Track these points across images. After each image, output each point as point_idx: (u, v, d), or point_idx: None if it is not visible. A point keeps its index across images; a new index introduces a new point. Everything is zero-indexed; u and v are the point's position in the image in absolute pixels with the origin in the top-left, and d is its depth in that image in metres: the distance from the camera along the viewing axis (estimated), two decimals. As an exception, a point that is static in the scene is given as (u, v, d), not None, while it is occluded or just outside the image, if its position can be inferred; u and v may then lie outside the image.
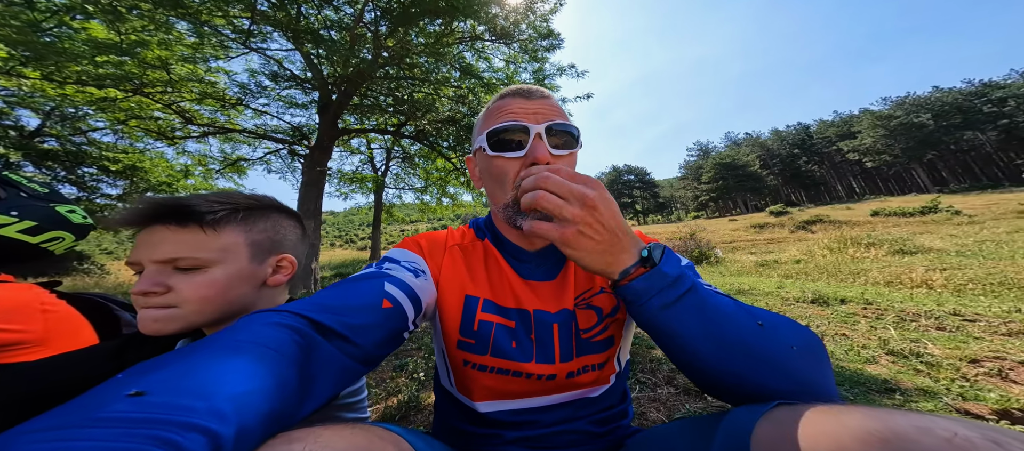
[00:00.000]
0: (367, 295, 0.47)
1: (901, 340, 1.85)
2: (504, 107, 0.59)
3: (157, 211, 0.57)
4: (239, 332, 0.34)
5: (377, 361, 0.46)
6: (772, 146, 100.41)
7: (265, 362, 0.31)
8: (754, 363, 0.43)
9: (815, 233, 13.71)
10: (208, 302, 0.57)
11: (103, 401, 0.24)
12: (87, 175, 8.03)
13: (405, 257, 0.61)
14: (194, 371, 0.28)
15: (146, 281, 0.54)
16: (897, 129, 74.92)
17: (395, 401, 1.50)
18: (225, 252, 0.59)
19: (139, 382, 0.26)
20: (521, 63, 7.39)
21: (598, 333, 0.60)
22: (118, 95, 4.67)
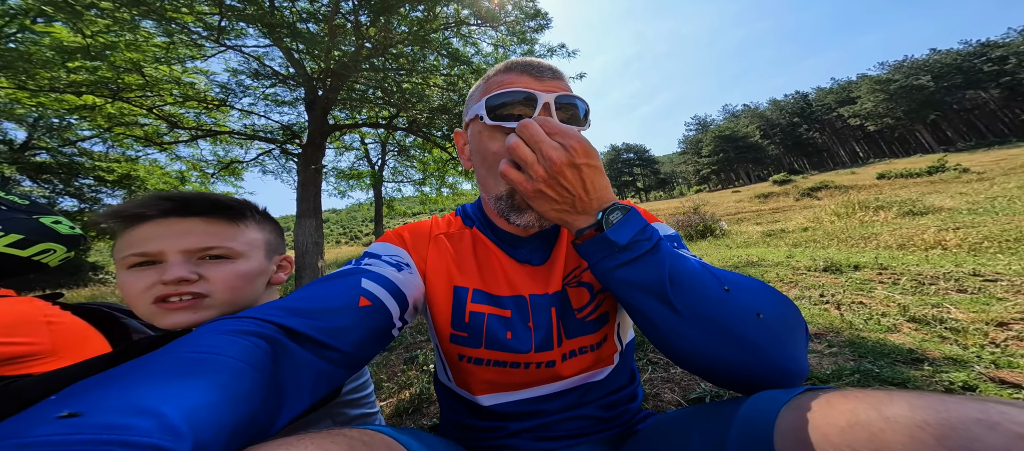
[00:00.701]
0: (342, 295, 0.44)
1: (922, 305, 1.77)
2: (507, 80, 0.54)
3: (189, 204, 0.56)
4: (192, 342, 0.32)
5: (361, 363, 0.44)
6: (771, 116, 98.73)
7: (224, 372, 0.29)
8: (714, 332, 0.41)
9: (821, 200, 13.56)
10: (236, 292, 0.58)
11: (29, 425, 0.21)
12: (85, 186, 7.97)
13: (387, 251, 0.58)
14: (139, 386, 0.25)
15: (180, 268, 0.52)
16: (897, 92, 73.59)
17: (407, 394, 1.47)
18: (249, 246, 0.61)
19: (74, 402, 0.23)
20: (510, 46, 7.16)
21: (591, 311, 0.58)
22: (97, 101, 4.54)
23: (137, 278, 0.52)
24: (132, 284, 0.52)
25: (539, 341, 0.56)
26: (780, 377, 0.41)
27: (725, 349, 0.41)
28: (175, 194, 0.56)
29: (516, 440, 0.58)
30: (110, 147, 7.33)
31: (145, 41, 4.18)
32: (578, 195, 0.45)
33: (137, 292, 0.52)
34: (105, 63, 3.81)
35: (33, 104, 4.31)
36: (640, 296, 0.44)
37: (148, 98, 4.82)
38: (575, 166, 0.44)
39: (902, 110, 74.10)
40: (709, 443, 0.42)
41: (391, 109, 7.02)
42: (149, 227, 0.54)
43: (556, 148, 0.43)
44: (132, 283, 0.52)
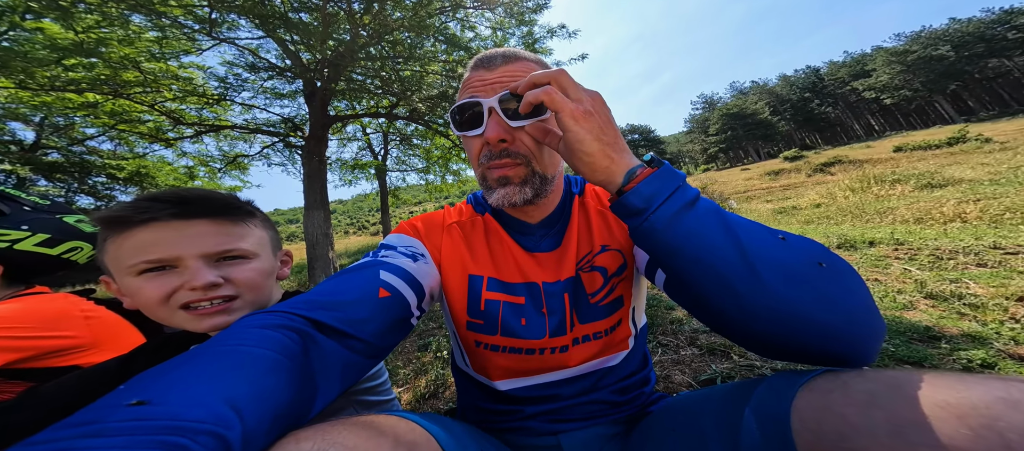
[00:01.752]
0: (362, 287, 0.46)
1: (939, 281, 1.72)
2: (468, 81, 0.56)
3: (194, 205, 0.54)
4: (235, 336, 0.34)
5: (384, 352, 0.46)
6: (781, 92, 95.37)
7: (265, 364, 0.31)
8: (787, 282, 0.35)
9: (834, 175, 13.20)
10: (259, 290, 0.58)
11: (104, 413, 0.24)
12: (99, 184, 8.12)
13: (402, 242, 0.60)
14: (194, 378, 0.28)
15: (207, 273, 0.52)
16: (915, 63, 70.32)
17: (423, 381, 1.51)
18: (259, 244, 0.61)
19: (140, 391, 0.26)
20: (509, 28, 6.96)
21: (605, 295, 0.58)
22: (98, 99, 4.55)
23: (152, 285, 0.50)
24: (149, 291, 0.50)
25: (553, 328, 0.56)
26: (866, 334, 0.35)
27: (809, 306, 0.34)
28: (177, 194, 0.53)
29: (532, 422, 0.59)
30: (117, 145, 7.41)
31: (137, 36, 4.14)
32: (618, 133, 0.44)
33: (156, 299, 0.50)
34: (100, 60, 3.79)
35: (36, 104, 4.34)
36: (707, 238, 0.38)
37: (148, 94, 4.81)
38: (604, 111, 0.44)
39: (920, 81, 71.08)
40: (723, 424, 0.41)
41: (391, 98, 6.93)
42: (155, 231, 0.51)
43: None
44: (147, 290, 0.50)
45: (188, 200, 0.53)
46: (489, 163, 0.54)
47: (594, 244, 0.60)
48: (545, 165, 0.55)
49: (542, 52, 7.41)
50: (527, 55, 0.56)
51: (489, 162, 0.54)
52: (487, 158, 0.54)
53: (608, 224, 0.62)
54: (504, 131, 0.51)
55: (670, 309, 1.86)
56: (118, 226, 0.51)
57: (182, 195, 0.54)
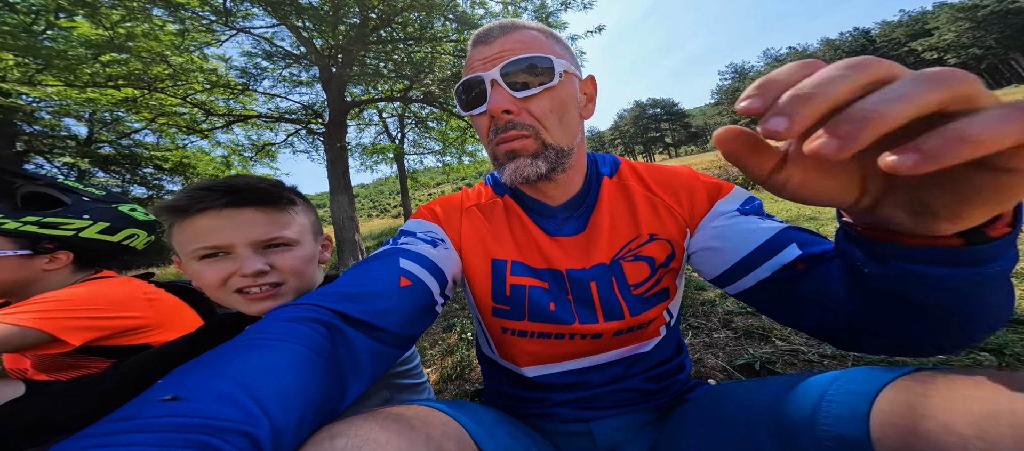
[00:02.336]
0: (384, 277, 0.46)
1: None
2: (469, 59, 0.55)
3: (243, 194, 0.57)
4: (265, 330, 0.34)
5: (411, 340, 0.46)
6: (824, 57, 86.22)
7: (296, 358, 0.32)
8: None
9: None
10: (303, 277, 0.62)
11: (141, 409, 0.25)
12: (148, 175, 8.82)
13: (421, 228, 0.59)
14: (224, 374, 0.28)
15: (255, 261, 0.56)
16: (988, 19, 61.27)
17: (450, 362, 1.53)
18: (301, 232, 0.64)
19: (174, 387, 0.27)
20: (520, 3, 6.71)
21: (651, 286, 0.55)
22: (136, 94, 4.94)
23: (211, 270, 0.56)
24: (207, 275, 0.56)
25: (582, 314, 0.55)
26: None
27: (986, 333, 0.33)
28: (227, 184, 0.57)
29: (561, 409, 0.58)
30: (159, 138, 8.01)
31: (160, 29, 4.37)
32: None
33: (214, 283, 0.56)
34: (131, 55, 4.12)
35: (83, 100, 4.77)
36: (991, 305, 0.30)
37: (178, 87, 5.15)
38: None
39: (993, 38, 62.33)
40: (780, 420, 0.37)
41: (405, 81, 7.01)
42: (210, 219, 0.55)
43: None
44: (207, 274, 0.56)
45: (237, 190, 0.57)
46: (497, 138, 0.52)
47: (640, 232, 0.56)
48: (558, 136, 0.52)
49: (556, 26, 7.12)
50: (527, 23, 0.54)
51: (497, 137, 0.52)
52: (495, 133, 0.52)
53: (657, 212, 0.58)
54: (508, 102, 0.49)
55: (700, 289, 1.73)
56: (179, 214, 0.56)
57: (232, 185, 0.57)
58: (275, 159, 9.02)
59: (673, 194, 0.58)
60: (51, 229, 0.84)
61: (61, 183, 0.91)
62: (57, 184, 0.91)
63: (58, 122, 7.40)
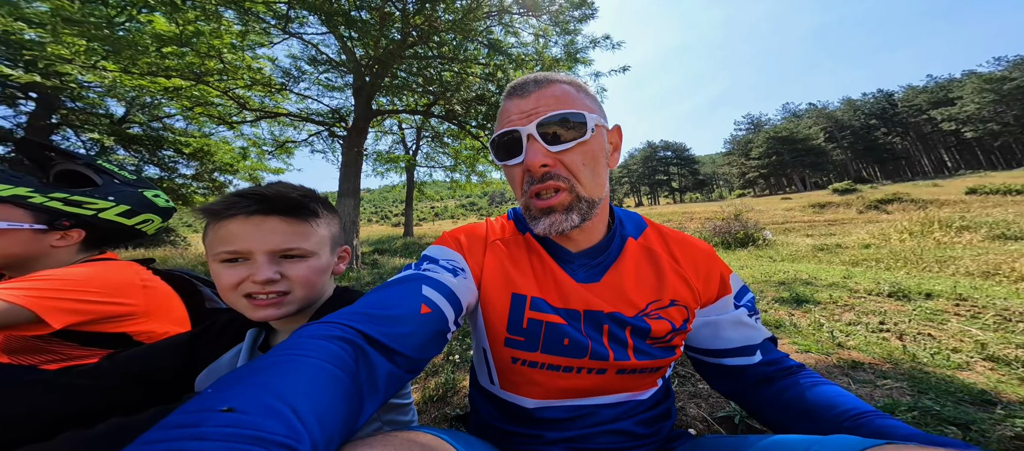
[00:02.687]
0: (406, 302, 0.47)
1: (1004, 343, 1.56)
2: (504, 111, 0.58)
3: (271, 204, 0.59)
4: (302, 346, 0.35)
5: (422, 365, 0.46)
6: (843, 117, 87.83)
7: (329, 376, 0.33)
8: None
9: (891, 213, 12.02)
10: (311, 288, 0.63)
11: (202, 417, 0.26)
12: (166, 157, 9.10)
13: (444, 255, 0.60)
14: (270, 387, 0.29)
15: (267, 269, 0.58)
16: (1012, 93, 61.78)
17: (433, 383, 1.53)
18: (320, 244, 0.65)
19: (228, 398, 0.28)
20: (552, 36, 7.00)
21: (666, 342, 0.60)
22: (183, 84, 5.17)
23: (229, 273, 0.58)
24: (225, 278, 0.58)
25: (593, 353, 0.56)
26: None
27: None
28: (259, 193, 0.59)
29: (551, 448, 0.58)
30: (188, 124, 8.29)
31: (226, 29, 4.67)
32: None
33: (229, 286, 0.58)
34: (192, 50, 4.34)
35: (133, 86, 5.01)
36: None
37: (223, 81, 5.40)
38: None
39: (1013, 114, 62.60)
40: None
41: (429, 97, 7.22)
42: (236, 225, 0.58)
43: None
44: (225, 277, 0.58)
45: (267, 199, 0.59)
46: (532, 189, 0.55)
47: (663, 295, 0.60)
48: (590, 188, 0.55)
49: (583, 62, 7.39)
50: (560, 77, 0.57)
51: (531, 188, 0.54)
52: (529, 184, 0.55)
53: (679, 281, 0.62)
54: (544, 156, 0.52)
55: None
56: (212, 217, 0.59)
57: (263, 194, 0.59)
58: (292, 155, 9.27)
59: (694, 269, 0.64)
60: (75, 207, 0.84)
61: (98, 164, 0.92)
62: (94, 165, 0.91)
63: (101, 102, 7.72)
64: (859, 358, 1.48)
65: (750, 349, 0.62)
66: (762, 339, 0.63)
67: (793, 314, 2.14)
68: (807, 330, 1.86)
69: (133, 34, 4.12)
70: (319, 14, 4.51)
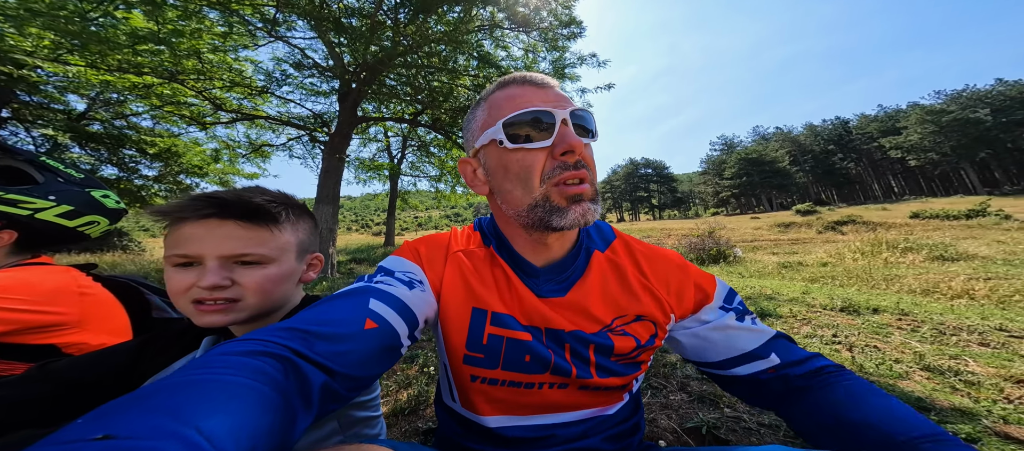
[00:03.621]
0: (348, 318, 0.44)
1: (939, 355, 1.74)
2: (516, 95, 0.54)
3: (228, 207, 0.57)
4: (213, 365, 0.32)
5: (367, 381, 0.43)
6: (805, 142, 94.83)
7: (246, 392, 0.30)
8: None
9: (846, 234, 13.00)
10: (266, 296, 0.60)
11: (65, 449, 0.22)
12: (127, 157, 8.53)
13: (400, 267, 0.58)
14: (166, 408, 0.26)
15: (216, 274, 0.55)
16: (950, 125, 68.55)
17: (405, 395, 1.50)
18: (281, 250, 0.62)
19: (106, 423, 0.23)
20: (540, 52, 7.24)
21: (631, 359, 0.58)
22: (154, 82, 4.94)
23: (180, 277, 0.56)
24: (175, 282, 0.56)
25: (555, 369, 0.55)
26: None
27: None
28: (216, 196, 0.57)
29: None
30: (156, 123, 7.87)
31: (208, 30, 4.54)
32: None
33: (179, 291, 0.56)
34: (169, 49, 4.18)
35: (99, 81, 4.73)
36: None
37: (200, 81, 5.20)
38: None
39: (950, 145, 69.18)
40: None
41: (417, 105, 7.24)
42: (191, 228, 0.56)
43: None
44: (175, 281, 0.56)
45: (223, 202, 0.57)
46: (560, 177, 0.51)
47: (628, 310, 0.58)
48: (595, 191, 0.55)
49: (570, 78, 7.63)
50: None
51: (561, 175, 0.51)
52: (556, 171, 0.51)
53: (647, 295, 0.60)
54: (580, 143, 0.51)
55: (664, 352, 1.83)
56: (167, 218, 0.58)
57: (220, 197, 0.57)
58: (268, 159, 8.96)
59: (664, 282, 0.61)
60: (7, 205, 0.77)
61: (41, 161, 0.85)
62: (37, 161, 0.85)
63: (60, 96, 7.22)
64: (814, 368, 1.61)
65: (755, 354, 0.56)
66: (767, 339, 0.57)
67: (758, 327, 2.29)
68: (770, 342, 2.00)
69: (107, 29, 3.94)
70: (308, 19, 4.48)
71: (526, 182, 0.52)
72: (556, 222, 0.51)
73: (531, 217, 0.53)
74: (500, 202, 0.58)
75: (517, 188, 0.53)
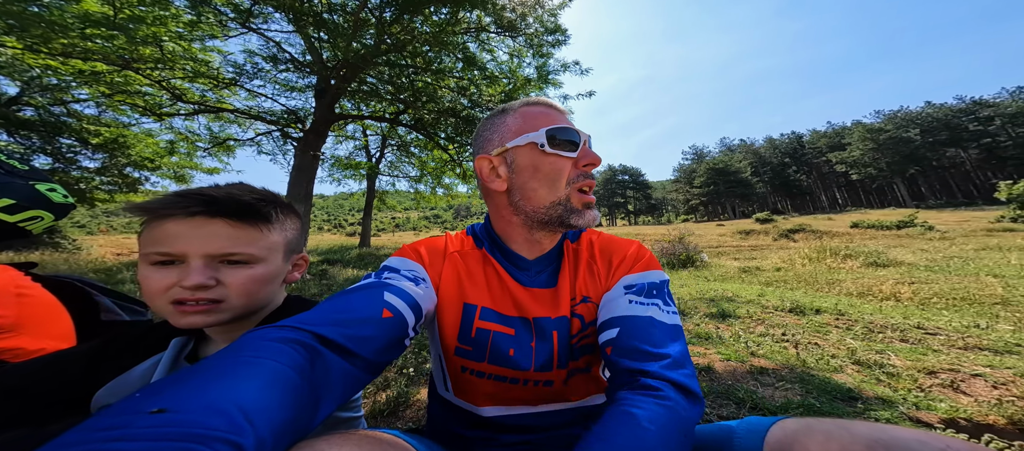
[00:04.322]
0: (368, 306, 0.48)
1: (867, 351, 1.99)
2: (549, 113, 0.63)
3: (217, 205, 0.55)
4: (247, 348, 0.35)
5: (380, 368, 0.47)
6: (765, 154, 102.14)
7: (276, 376, 0.33)
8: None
9: (797, 242, 14.17)
10: (251, 296, 0.59)
11: (127, 419, 0.25)
12: (65, 146, 7.70)
13: (405, 265, 0.62)
14: (209, 388, 0.29)
15: (200, 274, 0.53)
16: (885, 143, 76.29)
17: (384, 397, 1.51)
18: (269, 250, 0.61)
19: (159, 399, 0.27)
20: (525, 57, 7.34)
21: (580, 340, 0.62)
22: (104, 69, 4.51)
23: (159, 276, 0.53)
24: (153, 281, 0.53)
25: (540, 362, 0.59)
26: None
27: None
28: (204, 193, 0.56)
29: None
30: (103, 112, 7.18)
31: (173, 18, 4.21)
32: None
33: (157, 290, 0.53)
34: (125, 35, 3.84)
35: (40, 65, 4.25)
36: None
37: (158, 70, 4.80)
38: None
39: (886, 161, 76.48)
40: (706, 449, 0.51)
41: (399, 105, 7.11)
42: (175, 225, 0.54)
43: None
44: (153, 280, 0.53)
45: (213, 200, 0.55)
46: (581, 183, 0.61)
47: (576, 292, 0.64)
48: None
49: (553, 84, 7.77)
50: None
51: (583, 182, 0.61)
52: (578, 179, 0.61)
53: (597, 277, 0.66)
54: (598, 158, 0.63)
55: None
56: (148, 215, 0.55)
57: (209, 194, 0.55)
58: (232, 154, 8.43)
59: (607, 264, 0.66)
60: None
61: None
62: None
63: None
64: (766, 365, 1.79)
65: (609, 322, 0.56)
66: (625, 313, 0.55)
67: (719, 327, 2.49)
68: (729, 341, 2.19)
69: (53, 12, 3.54)
70: (286, 12, 4.29)
71: (554, 183, 0.60)
72: (574, 220, 0.60)
73: (550, 214, 0.60)
74: (518, 199, 0.62)
75: (544, 187, 0.60)
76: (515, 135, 0.62)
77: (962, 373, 1.67)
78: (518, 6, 6.41)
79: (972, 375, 1.65)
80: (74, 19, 3.75)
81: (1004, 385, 1.55)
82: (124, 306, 0.95)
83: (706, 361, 1.84)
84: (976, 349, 2.00)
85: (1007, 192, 20.02)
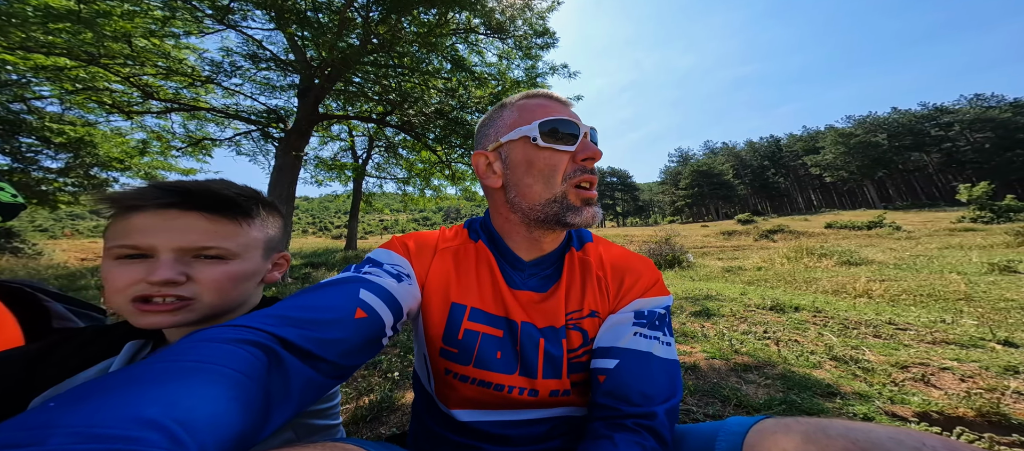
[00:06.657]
0: (339, 305, 0.44)
1: (843, 347, 2.06)
2: (547, 105, 0.60)
3: (191, 197, 0.52)
4: (191, 351, 0.31)
5: (348, 373, 0.44)
6: (745, 156, 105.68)
7: (223, 383, 0.29)
8: None
9: (776, 242, 14.70)
10: (224, 295, 0.55)
11: (41, 433, 0.21)
12: (24, 145, 7.24)
13: (389, 259, 0.59)
14: (143, 395, 0.25)
15: (169, 268, 0.49)
16: (856, 147, 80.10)
17: (366, 401, 1.46)
18: (248, 247, 0.58)
19: (81, 409, 0.23)
20: (514, 59, 7.34)
21: (581, 355, 0.60)
22: (68, 64, 4.25)
23: (123, 272, 0.49)
24: (116, 277, 0.49)
25: (524, 368, 0.57)
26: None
27: None
28: (179, 186, 0.52)
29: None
30: (66, 109, 6.79)
31: (143, 13, 3.99)
32: None
33: (119, 286, 0.49)
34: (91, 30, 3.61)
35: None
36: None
37: (128, 67, 4.56)
38: None
39: (856, 165, 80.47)
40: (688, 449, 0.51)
41: (386, 106, 7.00)
42: (145, 218, 0.50)
43: None
44: (116, 276, 0.49)
45: (188, 192, 0.52)
46: (578, 179, 0.57)
47: (584, 305, 0.61)
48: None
49: (541, 87, 7.87)
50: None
51: (580, 177, 0.57)
52: (575, 174, 0.57)
53: (605, 294, 0.62)
54: (598, 151, 0.59)
55: None
56: (116, 206, 0.51)
57: (183, 186, 0.52)
58: (210, 154, 8.11)
59: (618, 281, 0.64)
60: None
61: None
62: None
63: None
64: (749, 362, 1.83)
65: (608, 351, 0.56)
66: (627, 347, 0.56)
67: (704, 326, 2.54)
68: (714, 339, 2.23)
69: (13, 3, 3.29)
70: (268, 10, 4.14)
71: (549, 179, 0.57)
72: (570, 219, 0.57)
73: (546, 212, 0.57)
74: (513, 195, 0.60)
75: (538, 183, 0.57)
76: (510, 129, 0.60)
77: (932, 367, 1.75)
78: (507, 8, 6.42)
79: (941, 368, 1.73)
80: (35, 12, 3.48)
81: (971, 378, 1.63)
82: (81, 312, 0.87)
83: (692, 359, 1.87)
84: (944, 343, 2.10)
85: (967, 194, 21.37)
